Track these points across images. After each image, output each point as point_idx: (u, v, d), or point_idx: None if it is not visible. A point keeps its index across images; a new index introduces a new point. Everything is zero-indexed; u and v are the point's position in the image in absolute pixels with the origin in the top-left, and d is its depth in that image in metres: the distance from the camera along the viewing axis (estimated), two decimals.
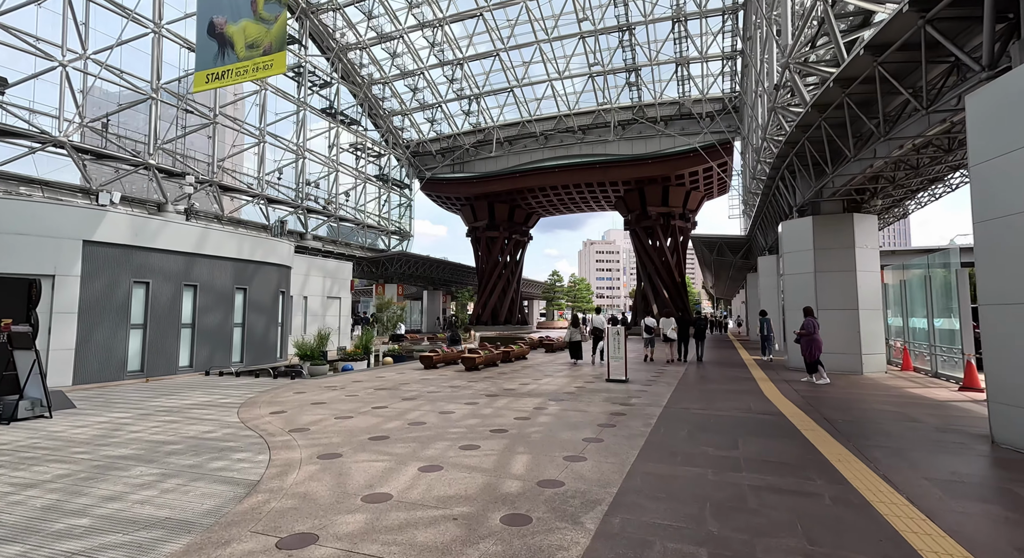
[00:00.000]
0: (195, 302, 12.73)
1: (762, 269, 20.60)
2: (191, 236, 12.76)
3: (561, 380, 10.91)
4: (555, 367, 13.74)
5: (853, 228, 12.01)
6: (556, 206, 41.53)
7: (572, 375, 11.86)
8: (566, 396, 8.72)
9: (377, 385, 10.17)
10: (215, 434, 6.04)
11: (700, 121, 32.21)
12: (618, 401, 8.18)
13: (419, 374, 12.16)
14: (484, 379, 11.13)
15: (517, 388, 9.71)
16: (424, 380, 10.98)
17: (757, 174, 21.98)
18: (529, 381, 10.76)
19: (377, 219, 38.11)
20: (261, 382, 10.93)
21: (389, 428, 6.28)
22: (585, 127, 35.30)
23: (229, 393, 9.29)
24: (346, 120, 34.69)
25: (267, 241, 15.19)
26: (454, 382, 10.64)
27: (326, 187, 33.43)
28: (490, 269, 40.03)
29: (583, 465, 4.72)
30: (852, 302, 11.75)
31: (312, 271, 20.26)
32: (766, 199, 16.85)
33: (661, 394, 8.91)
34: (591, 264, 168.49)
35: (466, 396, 8.75)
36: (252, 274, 14.46)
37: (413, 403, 8.06)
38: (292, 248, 16.81)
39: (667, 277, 34.82)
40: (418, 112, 38.34)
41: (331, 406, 7.82)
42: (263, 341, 14.77)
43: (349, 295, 22.17)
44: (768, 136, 16.87)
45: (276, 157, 31.12)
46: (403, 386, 10.01)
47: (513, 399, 8.44)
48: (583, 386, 9.94)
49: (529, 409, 7.55)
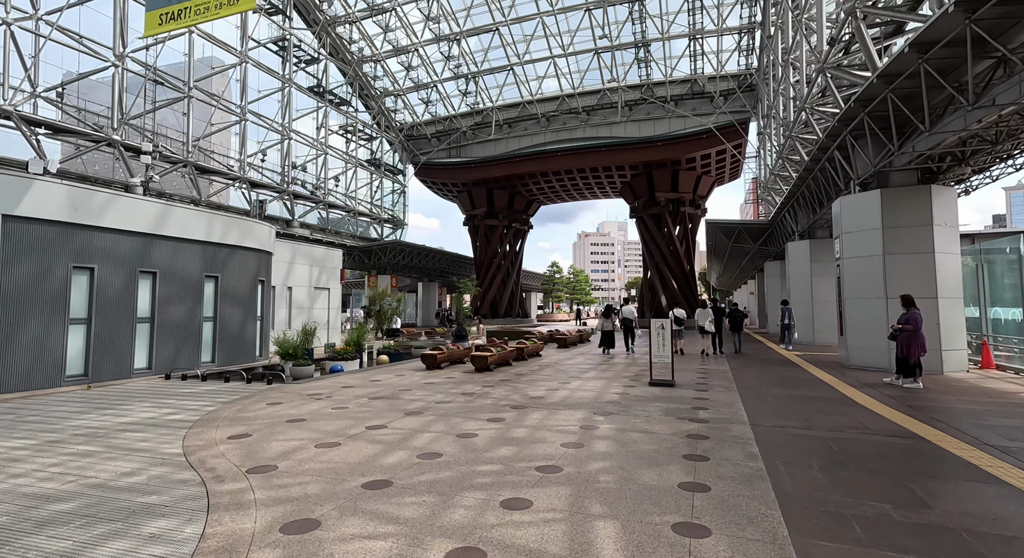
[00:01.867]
0: (154, 292, 10.75)
1: (792, 256, 18.88)
2: (148, 213, 10.74)
3: (595, 384, 9.09)
4: (579, 366, 11.93)
5: (930, 202, 10.23)
6: (558, 193, 39.60)
7: (603, 375, 10.05)
8: (613, 407, 6.89)
9: (372, 392, 8.29)
10: (137, 478, 4.14)
11: (713, 100, 30.35)
12: (683, 414, 6.37)
13: (421, 376, 10.30)
14: (501, 383, 9.29)
15: (546, 396, 7.88)
16: (429, 385, 9.12)
17: (784, 153, 20.22)
18: (557, 385, 8.93)
19: (369, 206, 35.98)
20: (231, 388, 9.01)
21: (391, 465, 4.42)
22: (590, 108, 33.31)
23: (185, 405, 7.37)
24: (335, 100, 32.47)
25: (242, 222, 13.18)
26: (465, 387, 8.79)
27: (314, 171, 31.28)
28: (489, 259, 38.10)
29: (711, 546, 2.89)
30: (929, 289, 10.00)
31: (297, 259, 18.26)
32: (806, 178, 15.06)
33: (730, 403, 7.11)
34: (586, 256, 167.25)
35: (486, 408, 6.90)
36: (225, 260, 12.47)
37: (420, 420, 6.20)
38: (272, 231, 14.81)
39: (676, 267, 33.10)
40: (412, 92, 36.14)
41: (312, 425, 5.94)
42: (239, 337, 12.82)
43: (339, 285, 20.20)
44: (810, 105, 15.05)
45: (259, 138, 28.96)
46: (404, 393, 8.14)
47: (548, 412, 6.60)
48: (625, 392, 8.12)
49: (574, 428, 5.72)
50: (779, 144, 20.97)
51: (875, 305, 10.60)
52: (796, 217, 19.23)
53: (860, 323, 10.94)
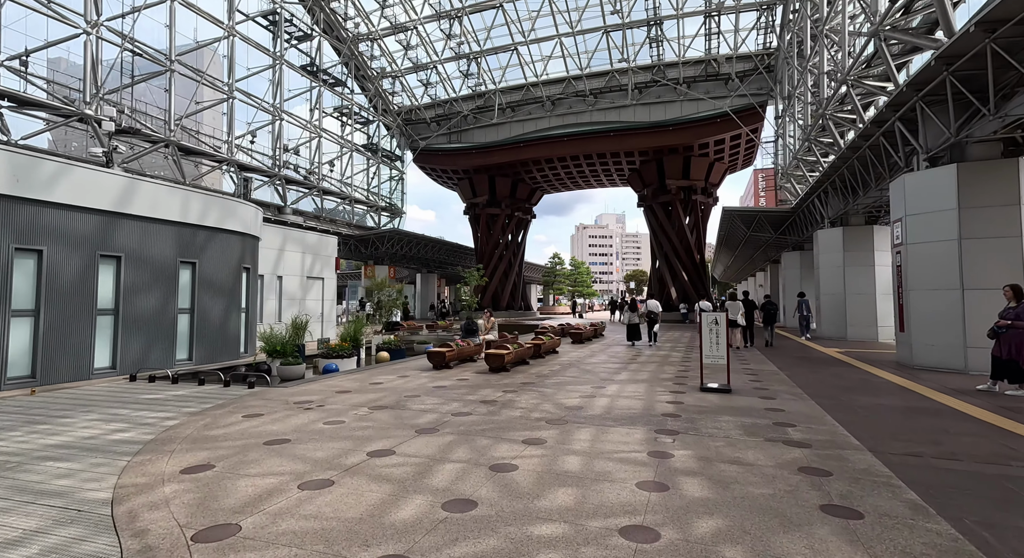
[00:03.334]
0: (119, 279, 9.28)
1: (823, 244, 17.52)
2: (111, 188, 9.25)
3: (635, 389, 7.73)
4: (605, 365, 10.57)
5: (1019, 178, 8.88)
6: (563, 180, 38.08)
7: (639, 377, 8.69)
8: (675, 423, 5.53)
9: (373, 399, 6.90)
10: (18, 555, 2.74)
11: (728, 83, 28.86)
12: (770, 434, 5.02)
13: (429, 378, 8.91)
14: (524, 387, 7.91)
15: (584, 406, 6.51)
16: (440, 389, 7.73)
17: (812, 135, 18.83)
18: (591, 391, 7.56)
19: (365, 193, 34.39)
20: (204, 393, 7.60)
21: (407, 523, 3.04)
22: (598, 91, 31.76)
23: (142, 417, 5.96)
24: (329, 80, 30.76)
25: (224, 201, 11.69)
26: (484, 393, 7.41)
27: (308, 156, 29.65)
28: (490, 250, 36.63)
29: None
30: (1015, 278, 8.65)
31: (288, 245, 16.77)
32: (848, 158, 13.67)
33: (817, 417, 5.76)
34: (584, 249, 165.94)
35: (516, 424, 5.52)
36: (204, 244, 11.00)
37: (436, 441, 4.81)
38: (259, 213, 13.31)
39: (686, 257, 31.75)
40: (411, 73, 34.44)
41: (297, 449, 4.55)
42: (220, 332, 11.38)
43: (334, 275, 18.74)
44: (853, 77, 13.65)
45: (248, 119, 27.30)
46: (411, 401, 6.76)
47: (596, 430, 5.23)
48: (678, 400, 6.76)
49: (640, 456, 4.35)
50: (806, 126, 19.56)
51: (948, 297, 9.27)
52: (826, 203, 17.87)
53: (928, 318, 9.61)
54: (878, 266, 16.41)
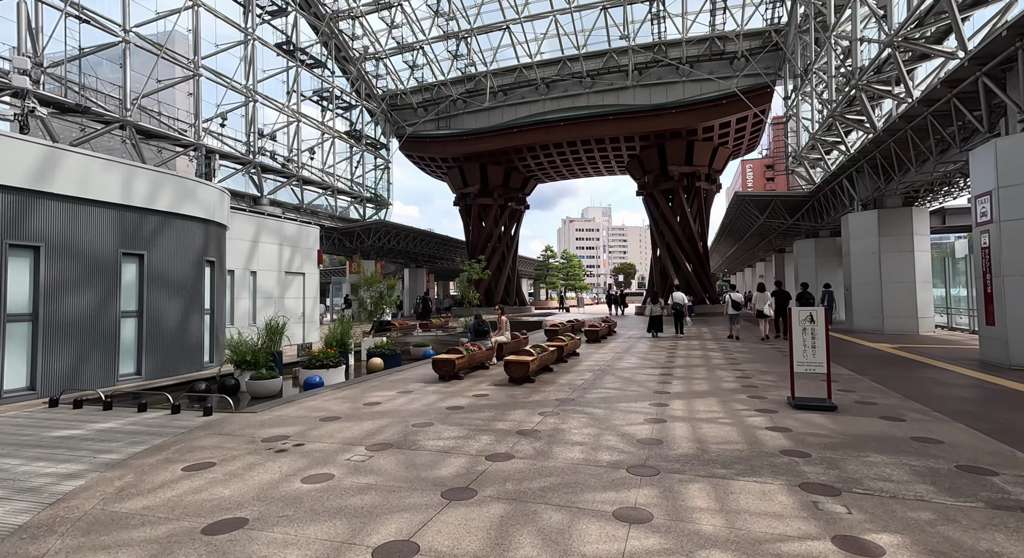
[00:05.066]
0: (37, 276, 7.29)
1: (854, 229, 16.06)
2: (25, 160, 7.22)
3: (704, 405, 6.04)
4: (642, 370, 8.87)
5: None
6: (559, 168, 36.28)
7: (696, 387, 7.01)
8: (809, 468, 3.83)
9: (370, 432, 5.08)
10: None
11: (733, 62, 27.32)
12: (986, 494, 3.35)
13: (438, 393, 7.11)
14: (562, 406, 6.16)
15: (660, 437, 4.78)
16: (456, 413, 5.94)
17: (838, 111, 17.30)
18: (653, 410, 5.83)
19: (349, 183, 32.18)
20: (142, 424, 5.70)
21: None
22: (595, 72, 29.99)
23: (26, 475, 4.07)
24: (307, 61, 28.47)
25: (179, 180, 9.67)
26: (515, 417, 5.64)
27: (286, 142, 27.39)
28: (483, 243, 34.71)
29: None
30: None
31: (263, 236, 14.74)
32: (900, 129, 12.14)
33: (1006, 456, 4.12)
34: (571, 242, 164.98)
35: (587, 478, 3.77)
36: (154, 232, 9.01)
37: (478, 517, 3.03)
38: (225, 197, 11.31)
39: (689, 247, 30.27)
40: (396, 55, 32.25)
41: (256, 542, 2.73)
42: (178, 338, 9.41)
43: (316, 269, 16.75)
44: (903, 36, 12.14)
45: (218, 101, 24.96)
46: (422, 434, 4.96)
47: (711, 487, 3.50)
48: (780, 425, 5.08)
49: (821, 547, 2.64)
50: (830, 101, 18.03)
51: None
52: (856, 184, 16.41)
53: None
54: (917, 251, 15.03)
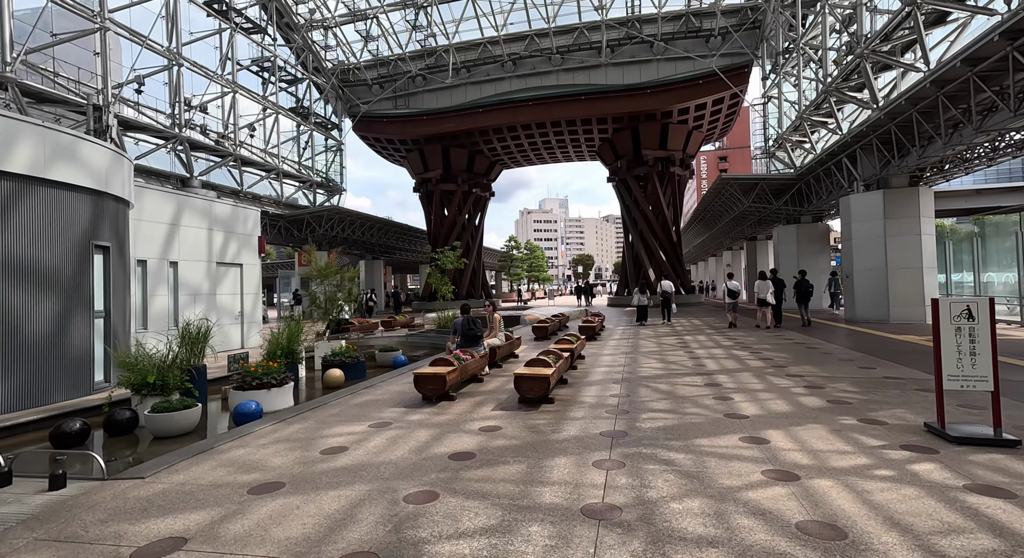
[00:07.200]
0: None
1: (857, 211, 14.97)
2: None
3: (818, 437, 4.27)
4: (678, 376, 7.07)
5: None
6: (526, 152, 34.29)
7: (776, 406, 5.27)
8: None
9: (332, 525, 2.93)
10: None
11: (710, 40, 26.12)
12: None
13: (424, 425, 5.00)
14: (616, 447, 4.22)
15: (841, 521, 2.91)
16: (463, 464, 3.87)
17: (834, 86, 16.14)
18: (748, 446, 3.99)
19: (297, 166, 28.95)
20: None
21: None
22: (565, 49, 28.10)
23: None
24: (245, 24, 25.06)
25: (46, 131, 6.97)
26: (560, 472, 3.65)
27: (220, 116, 23.97)
28: (446, 232, 32.32)
29: None
30: None
31: (187, 218, 11.94)
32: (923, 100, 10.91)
33: None
34: (530, 234, 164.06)
35: None
36: (6, 203, 6.35)
37: None
38: (124, 162, 8.60)
39: (663, 235, 29.13)
40: (347, 24, 29.13)
41: None
42: (50, 352, 6.79)
43: (257, 260, 14.05)
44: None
45: (133, 64, 21.31)
46: (423, 519, 2.87)
47: None
48: (978, 477, 3.34)
49: None
50: (824, 77, 16.87)
51: None
52: (859, 163, 15.33)
53: None
54: (924, 235, 14.09)
